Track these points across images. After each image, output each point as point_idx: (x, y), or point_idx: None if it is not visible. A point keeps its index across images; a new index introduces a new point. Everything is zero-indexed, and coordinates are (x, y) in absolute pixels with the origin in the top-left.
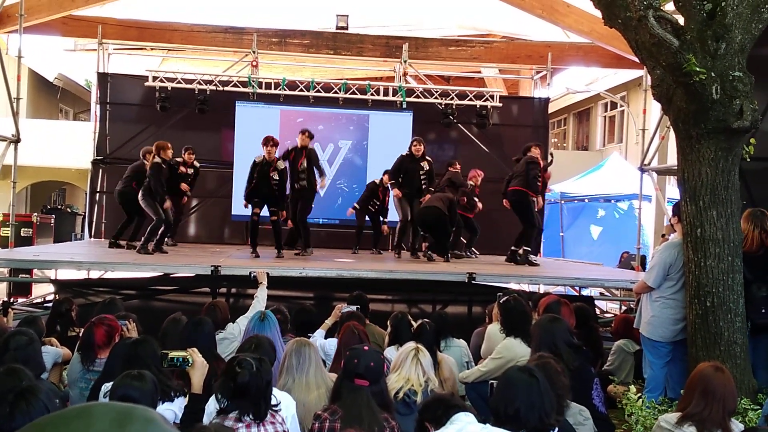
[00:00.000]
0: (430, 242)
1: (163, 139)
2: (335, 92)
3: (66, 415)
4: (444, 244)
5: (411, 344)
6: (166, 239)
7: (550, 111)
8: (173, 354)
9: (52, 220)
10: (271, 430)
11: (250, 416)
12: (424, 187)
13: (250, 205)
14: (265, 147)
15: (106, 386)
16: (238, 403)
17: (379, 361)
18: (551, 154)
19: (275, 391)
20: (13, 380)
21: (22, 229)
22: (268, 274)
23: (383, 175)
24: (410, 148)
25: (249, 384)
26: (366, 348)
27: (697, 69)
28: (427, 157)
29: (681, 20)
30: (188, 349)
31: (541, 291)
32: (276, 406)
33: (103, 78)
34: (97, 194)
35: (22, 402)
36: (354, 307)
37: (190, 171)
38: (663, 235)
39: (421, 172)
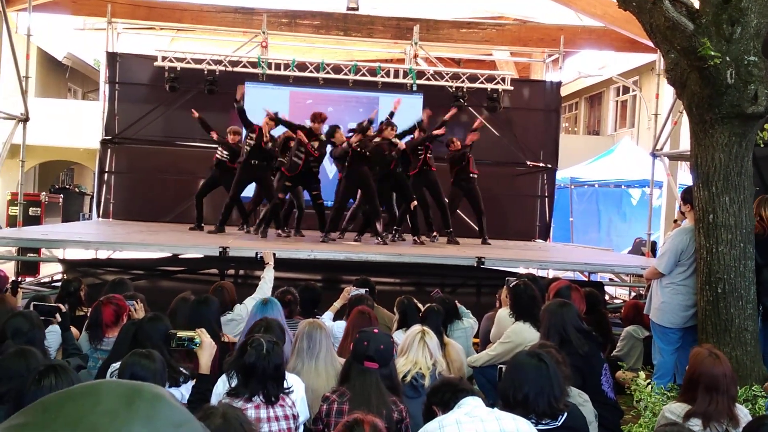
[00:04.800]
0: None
1: (172, 120)
2: (345, 74)
3: (73, 392)
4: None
5: (417, 327)
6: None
7: (561, 95)
8: (181, 333)
9: (61, 200)
10: (281, 412)
11: (261, 398)
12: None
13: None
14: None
15: (114, 366)
16: (248, 383)
17: (389, 344)
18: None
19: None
20: (23, 361)
21: (31, 209)
22: (274, 254)
23: None
24: None
25: (255, 365)
26: (376, 331)
27: (712, 53)
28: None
29: (696, 3)
30: (196, 330)
31: (551, 276)
32: (288, 389)
33: (112, 57)
34: (106, 174)
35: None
36: (363, 290)
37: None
38: (675, 221)
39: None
